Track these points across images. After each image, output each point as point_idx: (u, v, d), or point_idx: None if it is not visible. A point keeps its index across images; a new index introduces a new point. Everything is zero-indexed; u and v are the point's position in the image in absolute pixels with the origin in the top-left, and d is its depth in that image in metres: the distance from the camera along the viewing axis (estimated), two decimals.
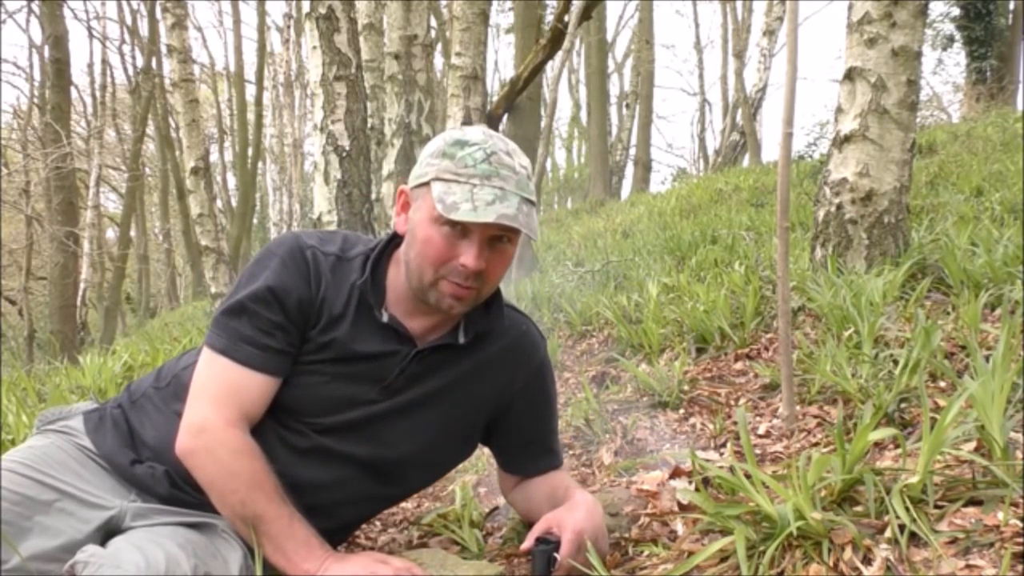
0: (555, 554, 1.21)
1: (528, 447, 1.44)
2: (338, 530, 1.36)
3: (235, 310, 1.22)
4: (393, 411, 1.28)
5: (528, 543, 1.25)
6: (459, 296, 1.21)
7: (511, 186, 1.16)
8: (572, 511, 1.26)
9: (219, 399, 1.20)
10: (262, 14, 18.82)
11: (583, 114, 26.19)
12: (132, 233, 18.98)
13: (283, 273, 1.23)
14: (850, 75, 3.07)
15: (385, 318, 1.26)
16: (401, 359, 1.27)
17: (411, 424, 1.29)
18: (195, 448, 1.18)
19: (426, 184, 1.20)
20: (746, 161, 15.04)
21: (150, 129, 19.57)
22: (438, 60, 14.00)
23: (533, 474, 1.46)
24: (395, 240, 1.29)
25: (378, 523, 1.82)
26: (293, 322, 1.23)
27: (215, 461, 1.17)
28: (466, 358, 1.32)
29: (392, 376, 1.27)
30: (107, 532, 1.18)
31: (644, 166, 18.44)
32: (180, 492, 1.23)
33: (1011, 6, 12.26)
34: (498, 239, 1.19)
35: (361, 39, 4.89)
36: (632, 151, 20.31)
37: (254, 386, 1.21)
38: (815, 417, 1.93)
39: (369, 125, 4.36)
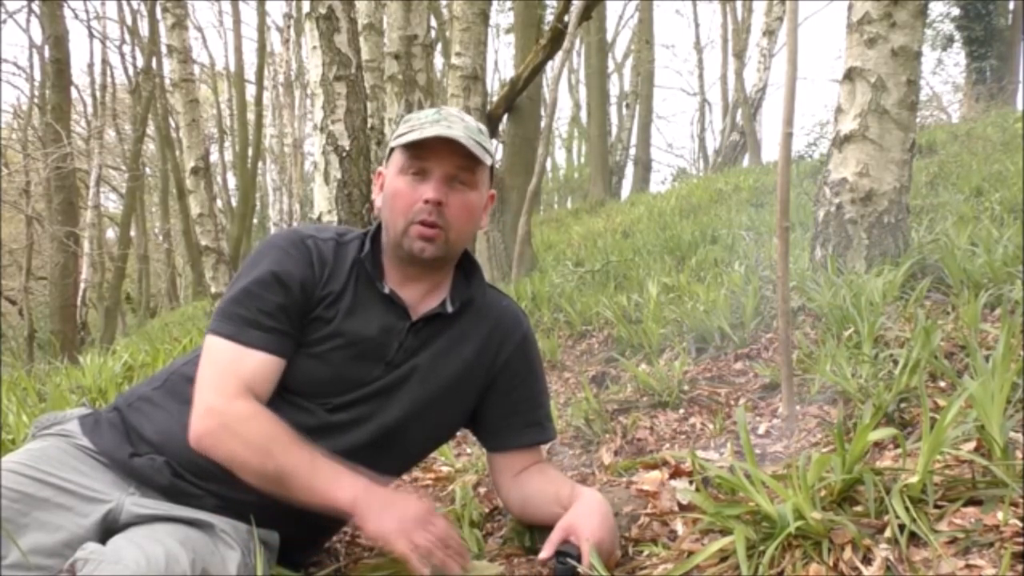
0: (578, 568, 1.20)
1: (514, 417, 1.46)
2: None
3: (238, 297, 1.28)
4: (393, 383, 1.34)
5: (547, 553, 1.26)
6: (426, 236, 1.29)
7: (458, 126, 1.29)
8: (588, 518, 1.27)
9: (221, 381, 1.23)
10: (262, 14, 18.80)
11: (583, 114, 26.17)
12: (132, 233, 18.96)
13: (285, 259, 1.30)
14: (850, 75, 3.07)
15: (386, 290, 1.34)
16: (399, 333, 1.34)
17: (408, 392, 1.35)
18: (206, 430, 1.21)
19: (390, 154, 1.35)
20: (746, 161, 15.03)
21: (150, 129, 19.55)
22: (438, 60, 13.99)
23: (521, 446, 1.46)
24: (383, 226, 1.38)
25: None
26: (296, 304, 1.29)
27: (228, 435, 1.20)
28: (456, 328, 1.39)
29: (393, 352, 1.34)
30: (106, 526, 1.19)
31: (644, 166, 18.44)
32: (181, 482, 1.24)
33: (1011, 6, 12.26)
34: (456, 179, 1.30)
35: (361, 39, 4.89)
36: (632, 151, 20.30)
37: (259, 365, 1.25)
38: (815, 417, 1.93)
39: (369, 125, 4.35)
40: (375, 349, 1.33)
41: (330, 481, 1.18)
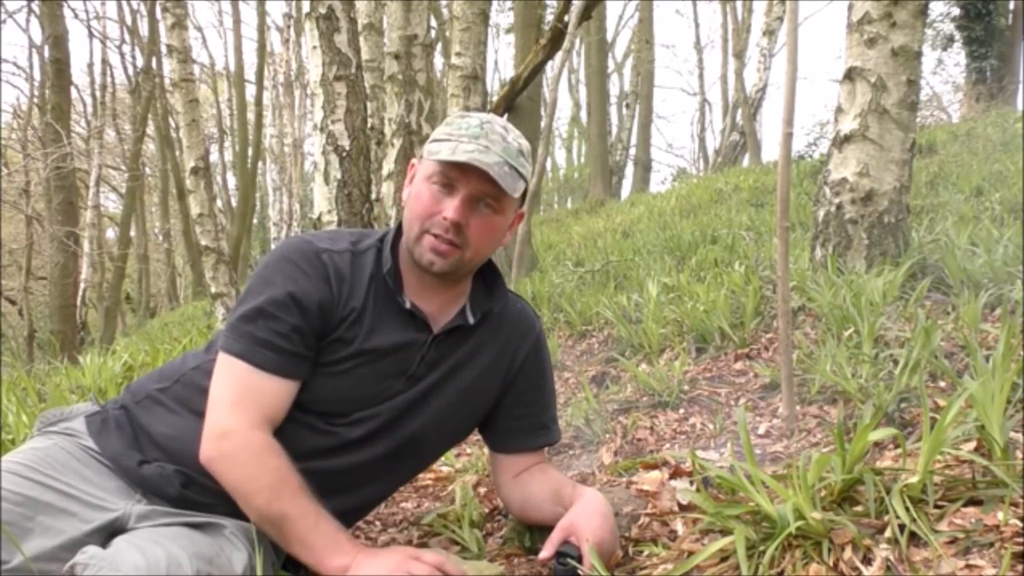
0: (578, 568, 1.20)
1: (522, 420, 1.46)
2: (358, 509, 1.41)
3: (252, 315, 1.23)
4: (414, 397, 1.33)
5: (547, 553, 1.26)
6: (439, 251, 1.25)
7: (497, 148, 1.24)
8: (589, 518, 1.27)
9: (239, 403, 1.21)
10: (262, 14, 18.79)
11: (583, 114, 26.21)
12: (132, 233, 18.95)
13: (301, 278, 1.25)
14: (850, 75, 3.07)
15: (407, 304, 1.30)
16: (421, 346, 1.32)
17: (429, 404, 1.34)
18: (218, 454, 1.19)
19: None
20: (746, 161, 15.04)
21: (150, 129, 19.54)
22: (438, 60, 13.99)
23: (527, 449, 1.46)
24: (401, 229, 1.35)
25: (378, 523, 1.82)
26: (312, 326, 1.25)
27: (238, 465, 1.17)
28: (474, 337, 1.38)
29: (414, 366, 1.32)
30: (111, 532, 1.18)
31: (644, 166, 18.44)
32: (191, 493, 1.23)
33: (1011, 6, 12.25)
34: (482, 201, 1.25)
35: (361, 39, 4.88)
36: (632, 151, 20.31)
37: (273, 389, 1.22)
38: (815, 417, 1.93)
39: (369, 125, 4.35)
40: (397, 363, 1.31)
41: (328, 543, 1.15)
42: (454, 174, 1.24)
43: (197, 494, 1.23)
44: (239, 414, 1.20)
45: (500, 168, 1.22)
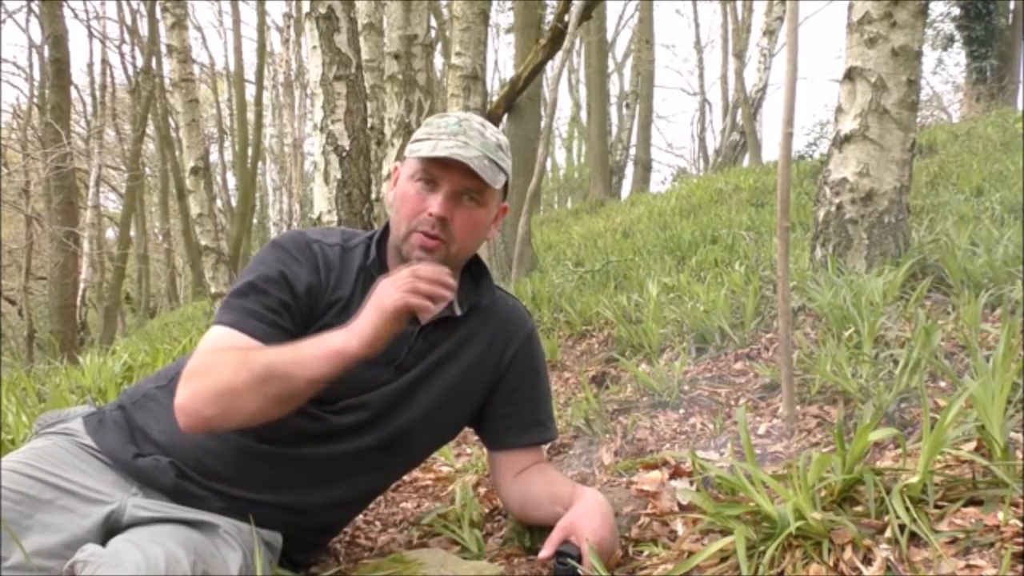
0: (578, 568, 1.20)
1: (517, 417, 1.46)
2: (353, 500, 1.42)
3: (244, 290, 1.27)
4: (402, 387, 1.34)
5: (547, 553, 1.26)
6: (426, 246, 1.28)
7: (475, 143, 1.27)
8: (588, 518, 1.27)
9: (208, 352, 1.21)
10: (262, 14, 18.80)
11: (583, 114, 26.22)
12: (132, 233, 18.95)
13: (292, 263, 1.29)
14: (850, 75, 3.07)
15: None
16: (408, 337, 1.33)
17: (417, 395, 1.36)
18: (184, 396, 1.16)
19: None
20: (746, 161, 15.05)
21: (150, 129, 19.55)
22: (438, 60, 13.97)
23: (523, 446, 1.47)
24: (390, 227, 1.37)
25: (378, 523, 1.82)
26: (300, 307, 1.28)
27: (204, 380, 1.15)
28: (463, 330, 1.40)
29: (402, 356, 1.34)
30: (108, 527, 1.18)
31: (644, 166, 18.44)
32: (186, 483, 1.24)
33: (1011, 6, 12.26)
34: (465, 195, 1.28)
35: (361, 39, 4.88)
36: (632, 151, 20.31)
37: (251, 347, 1.22)
38: (815, 417, 1.93)
39: (369, 125, 4.35)
40: (384, 353, 1.29)
41: (318, 346, 1.14)
42: (436, 170, 1.27)
43: (192, 486, 1.24)
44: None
45: (480, 161, 1.25)
